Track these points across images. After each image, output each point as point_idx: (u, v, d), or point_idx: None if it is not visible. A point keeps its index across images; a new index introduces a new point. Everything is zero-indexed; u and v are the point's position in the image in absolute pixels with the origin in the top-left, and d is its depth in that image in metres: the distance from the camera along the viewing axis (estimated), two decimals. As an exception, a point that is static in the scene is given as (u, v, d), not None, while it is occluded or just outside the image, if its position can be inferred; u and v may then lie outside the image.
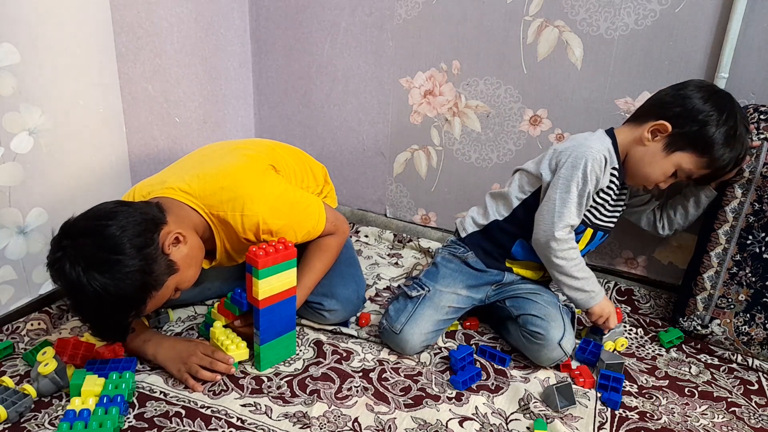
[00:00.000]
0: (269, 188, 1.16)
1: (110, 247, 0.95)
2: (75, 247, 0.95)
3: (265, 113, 1.87)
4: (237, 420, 1.01)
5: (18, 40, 1.14)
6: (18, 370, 1.11)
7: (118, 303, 0.97)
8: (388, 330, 1.19)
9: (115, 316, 1.00)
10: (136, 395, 1.05)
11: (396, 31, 1.61)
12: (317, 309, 1.26)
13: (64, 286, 0.96)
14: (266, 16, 1.75)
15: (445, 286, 1.24)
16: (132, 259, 0.96)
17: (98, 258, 0.95)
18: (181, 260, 1.04)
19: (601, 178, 1.15)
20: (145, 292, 1.00)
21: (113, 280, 0.94)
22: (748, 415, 1.10)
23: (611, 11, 1.37)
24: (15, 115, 1.17)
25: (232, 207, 1.11)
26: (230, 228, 1.13)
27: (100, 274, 0.94)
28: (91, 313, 1.00)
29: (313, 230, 1.21)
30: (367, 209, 1.84)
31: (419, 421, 1.03)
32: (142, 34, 1.41)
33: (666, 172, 1.16)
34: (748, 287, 1.25)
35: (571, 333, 1.17)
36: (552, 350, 1.14)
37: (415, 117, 1.67)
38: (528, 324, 1.17)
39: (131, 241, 0.96)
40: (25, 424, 0.97)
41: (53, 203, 1.27)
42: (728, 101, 1.13)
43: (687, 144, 1.13)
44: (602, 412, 1.08)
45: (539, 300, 1.21)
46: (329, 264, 1.26)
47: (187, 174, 1.16)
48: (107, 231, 0.96)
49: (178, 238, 1.04)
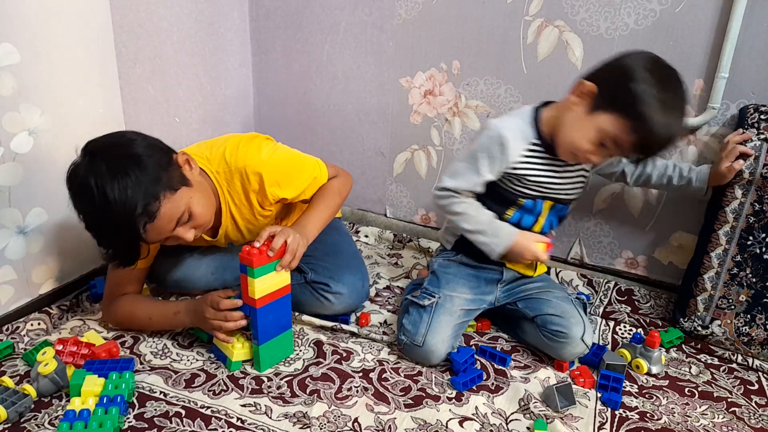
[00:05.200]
0: (268, 146, 1.22)
1: (128, 143, 1.03)
2: (94, 153, 1.00)
3: (264, 113, 1.87)
4: (237, 420, 1.01)
5: (18, 40, 1.14)
6: (18, 370, 1.11)
7: (134, 190, 0.97)
8: (410, 344, 1.16)
9: (130, 223, 0.98)
10: (136, 395, 1.05)
11: (396, 30, 1.61)
12: (322, 291, 1.27)
13: (82, 188, 0.99)
14: (266, 16, 1.75)
15: (452, 290, 1.23)
16: (148, 150, 1.02)
17: (118, 152, 1.00)
18: (193, 180, 1.09)
19: (499, 154, 1.13)
20: (160, 186, 1.01)
21: (131, 165, 0.98)
22: (749, 415, 1.09)
23: (611, 11, 1.37)
24: (15, 115, 1.17)
25: (235, 159, 1.16)
26: (236, 188, 1.18)
27: (121, 167, 0.97)
28: (106, 221, 0.99)
29: (319, 176, 1.28)
30: (367, 209, 1.84)
31: (419, 422, 1.03)
32: (142, 34, 1.41)
33: (590, 138, 1.05)
34: (749, 288, 1.25)
35: (590, 326, 1.17)
36: (576, 346, 1.15)
37: (415, 117, 1.67)
38: (548, 324, 1.17)
39: (147, 142, 1.05)
40: (25, 424, 0.97)
41: (53, 203, 1.27)
42: (670, 73, 1.02)
43: (610, 102, 1.02)
44: (602, 412, 1.07)
45: (552, 298, 1.21)
46: (337, 201, 1.29)
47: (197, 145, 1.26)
48: (125, 135, 1.06)
49: (189, 162, 1.10)
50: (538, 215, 1.22)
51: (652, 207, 1.48)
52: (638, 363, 1.19)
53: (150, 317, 1.20)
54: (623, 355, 1.22)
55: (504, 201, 1.20)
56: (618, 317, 1.40)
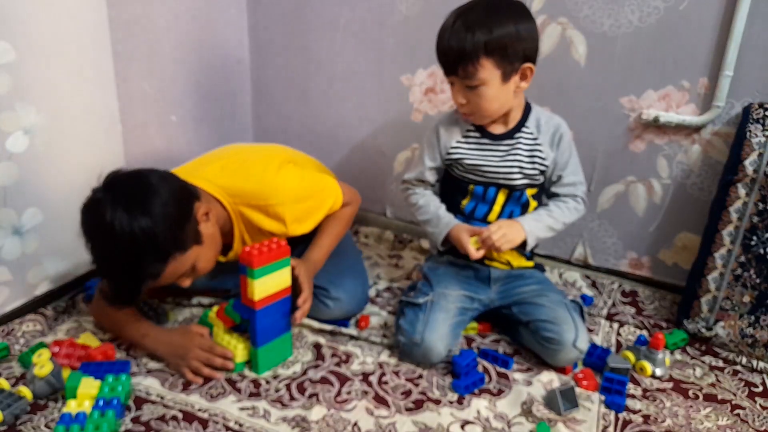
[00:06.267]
0: (291, 178, 1.21)
1: (151, 191, 0.99)
2: (116, 189, 0.99)
3: (263, 111, 1.86)
4: (235, 423, 0.99)
5: (13, 38, 1.12)
6: (13, 372, 1.10)
7: (147, 247, 0.97)
8: (409, 343, 1.15)
9: (136, 265, 0.98)
10: (133, 398, 1.04)
11: (396, 27, 1.59)
12: (322, 296, 1.26)
13: (94, 227, 0.98)
14: (264, 13, 1.73)
15: (445, 288, 1.23)
16: (168, 207, 0.99)
17: (137, 198, 0.98)
18: (206, 236, 1.08)
19: (435, 142, 1.25)
20: (173, 247, 1.00)
21: (148, 221, 0.96)
22: (753, 418, 1.08)
23: (615, 8, 1.36)
24: (10, 113, 1.15)
25: (258, 198, 1.15)
26: (253, 220, 1.16)
27: (137, 213, 0.96)
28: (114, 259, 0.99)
29: (334, 205, 1.28)
30: (367, 209, 1.82)
31: (420, 425, 1.01)
32: (139, 31, 1.40)
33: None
34: (753, 289, 1.24)
35: (583, 331, 1.16)
36: (568, 353, 1.13)
37: (416, 115, 1.66)
38: (541, 330, 1.16)
39: (171, 191, 1.02)
40: (20, 427, 0.96)
41: (49, 203, 1.26)
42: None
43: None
44: (606, 416, 1.06)
45: (545, 302, 1.20)
46: (344, 230, 1.33)
47: (211, 165, 1.22)
48: (149, 179, 1.02)
49: (207, 215, 1.08)
50: (492, 203, 1.24)
51: (656, 207, 1.47)
52: (642, 365, 1.18)
53: (121, 329, 1.17)
54: (627, 357, 1.21)
55: (458, 189, 1.26)
56: (622, 319, 1.39)
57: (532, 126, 1.23)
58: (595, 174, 1.50)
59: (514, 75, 1.13)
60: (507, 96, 1.16)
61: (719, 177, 1.32)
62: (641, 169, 1.45)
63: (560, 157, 1.23)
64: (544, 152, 1.22)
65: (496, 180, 1.22)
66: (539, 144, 1.22)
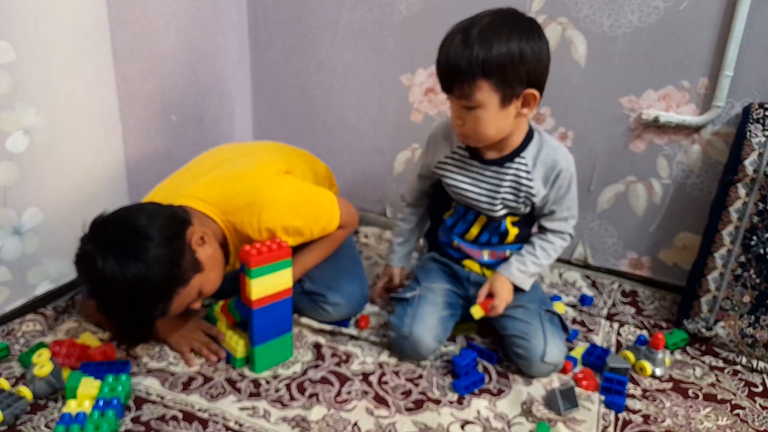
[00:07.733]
0: (285, 192, 1.16)
1: (140, 235, 0.96)
2: (104, 238, 0.96)
3: (263, 111, 1.86)
4: (234, 423, 0.99)
5: (13, 38, 1.12)
6: (13, 372, 1.09)
7: (146, 294, 0.96)
8: (398, 337, 1.16)
9: (141, 311, 0.99)
10: (133, 398, 1.04)
11: (396, 27, 1.59)
12: (320, 302, 1.25)
13: (93, 279, 0.96)
14: (264, 13, 1.73)
15: (432, 282, 1.24)
16: (161, 248, 0.96)
17: (128, 245, 0.95)
18: (206, 260, 1.05)
19: (432, 147, 1.22)
20: (173, 285, 0.99)
21: (142, 268, 0.94)
22: (753, 418, 1.08)
23: (615, 8, 1.35)
24: (10, 113, 1.15)
25: (249, 212, 1.11)
26: (245, 233, 1.13)
27: (129, 261, 0.94)
28: (117, 308, 0.99)
29: (328, 226, 1.23)
30: (367, 209, 1.82)
31: (420, 425, 1.01)
32: (139, 31, 1.40)
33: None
34: (753, 289, 1.24)
35: (555, 344, 1.12)
36: (539, 366, 1.12)
37: (416, 115, 1.65)
38: (512, 345, 1.15)
39: (160, 231, 0.98)
40: (21, 427, 0.96)
41: (49, 203, 1.26)
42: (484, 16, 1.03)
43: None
44: (605, 416, 1.06)
45: (520, 315, 1.16)
46: (330, 251, 1.28)
47: (201, 179, 1.17)
48: (137, 221, 0.98)
49: (203, 238, 1.05)
50: (470, 224, 1.21)
51: (656, 207, 1.47)
52: (642, 365, 1.18)
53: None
54: (627, 357, 1.21)
55: (445, 200, 1.25)
56: (622, 319, 1.39)
57: (529, 157, 1.12)
58: (595, 174, 1.50)
59: (515, 100, 1.02)
60: (506, 121, 1.04)
61: (719, 177, 1.32)
62: (641, 169, 1.45)
63: (554, 193, 1.15)
64: (534, 188, 1.13)
65: (473, 204, 1.17)
66: (531, 179, 1.12)
